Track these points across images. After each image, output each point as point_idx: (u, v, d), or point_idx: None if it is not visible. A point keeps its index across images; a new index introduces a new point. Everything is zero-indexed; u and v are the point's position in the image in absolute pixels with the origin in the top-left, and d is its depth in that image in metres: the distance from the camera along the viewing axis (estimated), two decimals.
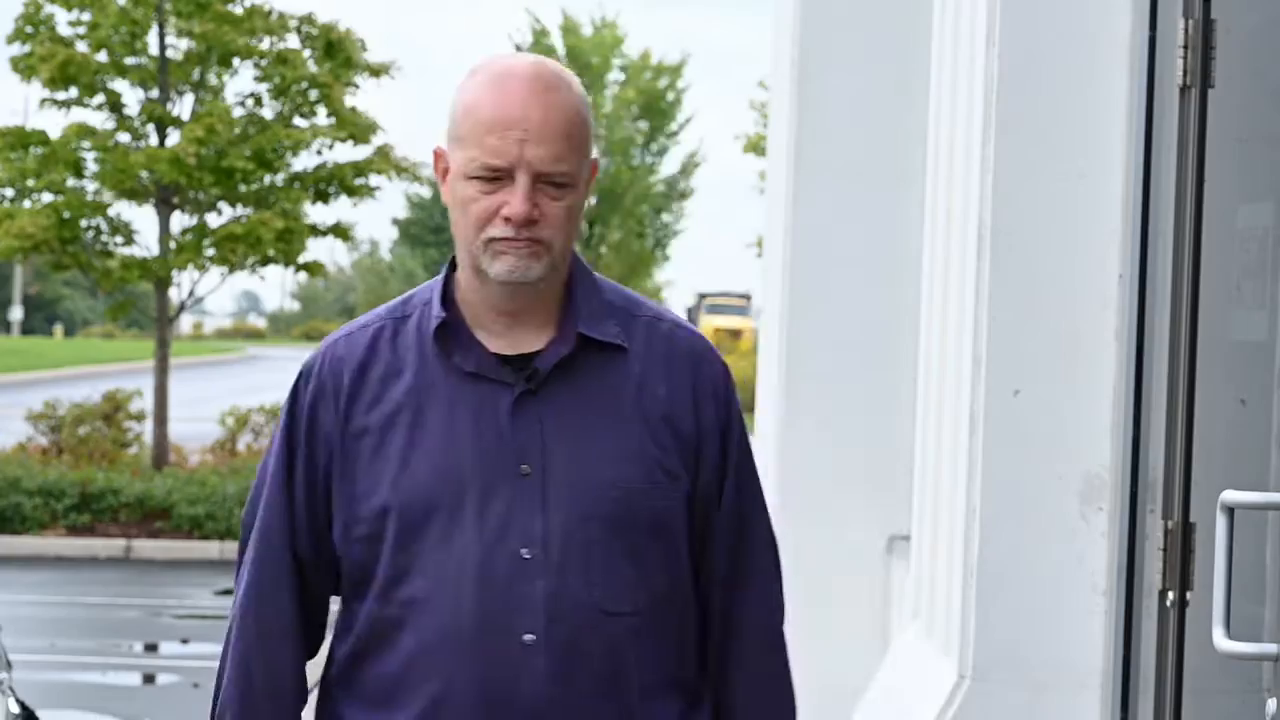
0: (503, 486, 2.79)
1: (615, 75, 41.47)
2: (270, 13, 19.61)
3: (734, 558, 2.92)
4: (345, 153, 20.36)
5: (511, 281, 2.78)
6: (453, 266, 2.89)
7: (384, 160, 19.87)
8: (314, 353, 2.90)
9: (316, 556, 2.90)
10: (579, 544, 2.79)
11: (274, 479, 2.90)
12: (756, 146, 31.33)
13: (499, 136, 2.74)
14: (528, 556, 2.77)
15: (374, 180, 19.99)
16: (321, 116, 19.88)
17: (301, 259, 19.88)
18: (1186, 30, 4.26)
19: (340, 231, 20.28)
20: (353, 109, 19.79)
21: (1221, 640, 3.54)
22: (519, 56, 2.84)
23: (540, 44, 40.89)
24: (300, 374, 2.91)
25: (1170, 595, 4.25)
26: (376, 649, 2.85)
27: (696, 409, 2.87)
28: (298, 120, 19.87)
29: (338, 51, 19.73)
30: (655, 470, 2.83)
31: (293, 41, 19.85)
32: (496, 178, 2.75)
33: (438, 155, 2.86)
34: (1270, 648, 3.58)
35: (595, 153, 2.87)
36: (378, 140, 19.98)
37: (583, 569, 2.79)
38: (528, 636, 2.77)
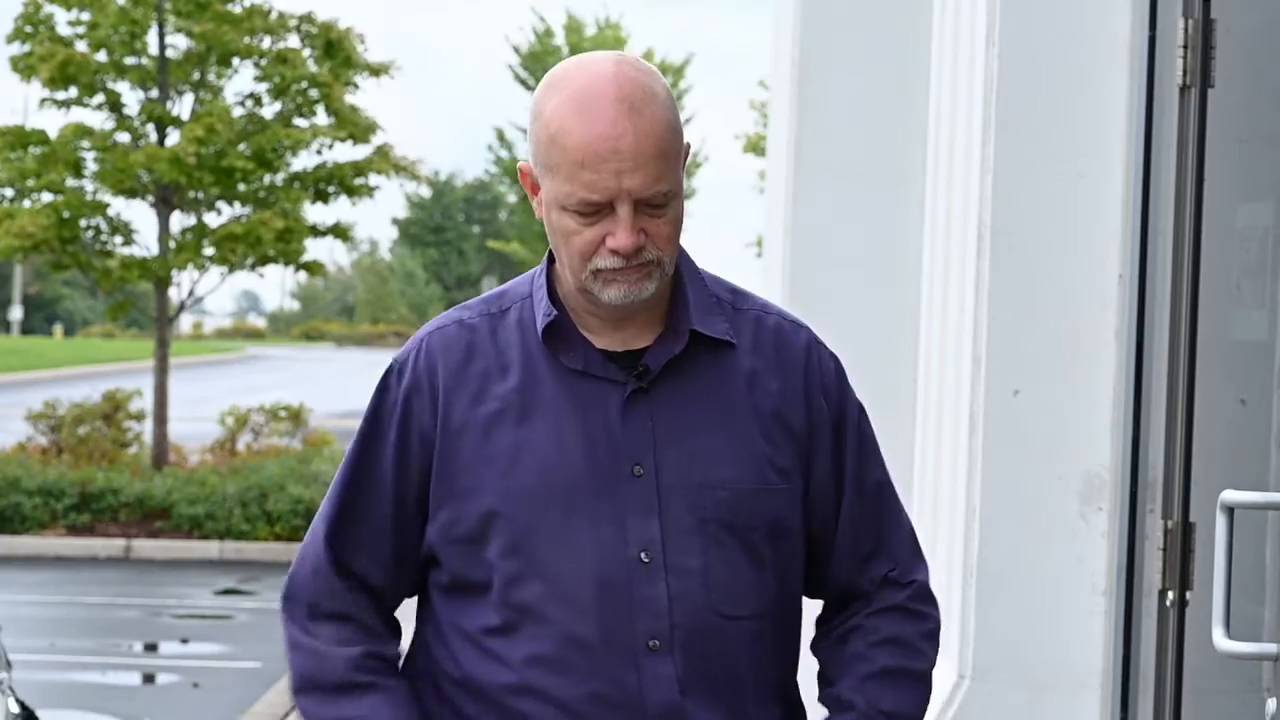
0: (615, 487, 2.71)
1: None
2: (270, 12, 19.61)
3: (858, 556, 2.85)
4: (345, 152, 20.39)
5: (625, 304, 2.69)
6: (550, 259, 2.79)
7: (383, 160, 19.87)
8: (405, 348, 2.80)
9: (397, 565, 2.80)
10: (697, 547, 2.70)
11: (348, 483, 2.80)
12: (756, 146, 31.32)
13: (594, 171, 2.63)
14: (647, 560, 2.69)
15: (373, 180, 20.00)
16: (321, 116, 19.88)
17: (301, 259, 19.88)
18: (1186, 30, 4.26)
19: (340, 231, 20.28)
20: (353, 108, 19.80)
21: (1221, 640, 3.54)
22: (597, 65, 2.70)
23: (544, 44, 40.90)
24: (391, 369, 2.81)
25: (1170, 595, 4.26)
26: (484, 661, 2.74)
27: (808, 403, 2.80)
28: (298, 120, 19.88)
29: (337, 51, 19.73)
30: (767, 469, 2.75)
31: (292, 41, 19.85)
32: (596, 211, 2.66)
33: (524, 173, 2.75)
34: (1270, 647, 3.58)
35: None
36: (377, 140, 19.99)
37: (701, 572, 2.70)
38: (653, 642, 2.68)
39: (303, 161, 19.85)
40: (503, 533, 2.70)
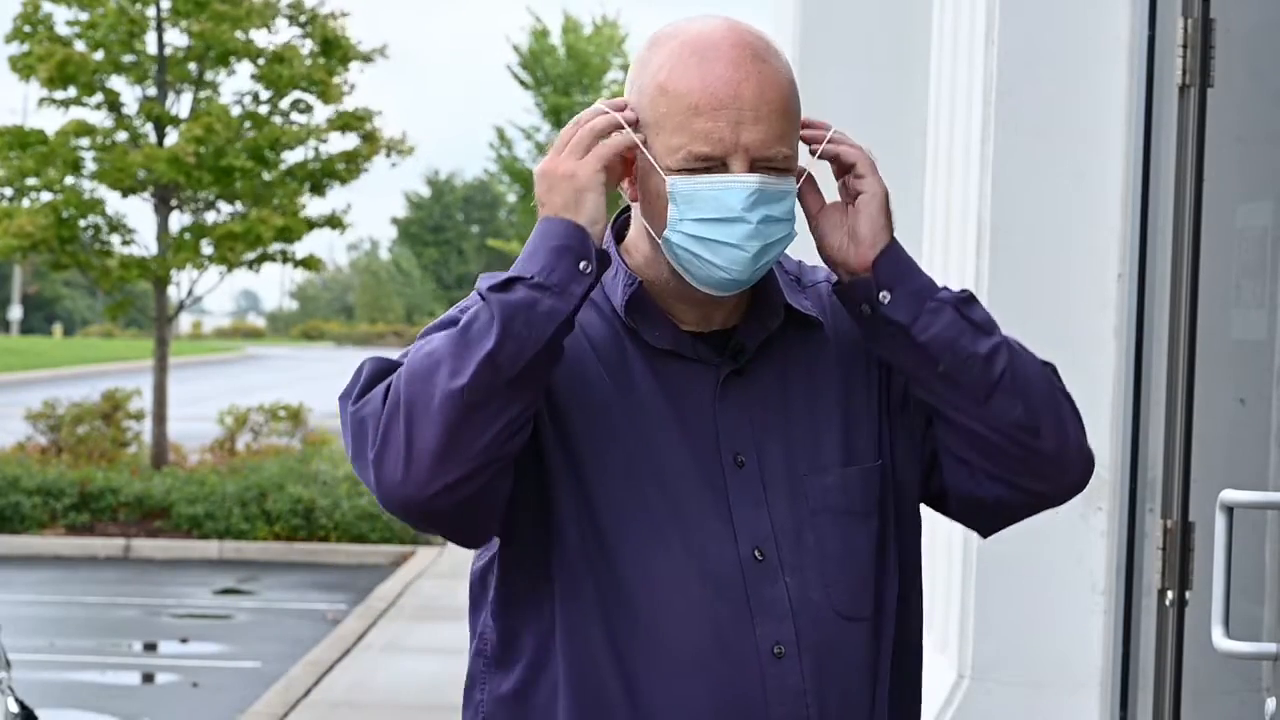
0: (717, 479, 2.43)
1: (615, 75, 41.47)
2: (264, 6, 19.59)
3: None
4: (338, 143, 20.44)
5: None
6: (617, 234, 2.53)
7: (372, 145, 19.87)
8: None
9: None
10: (812, 541, 2.45)
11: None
12: None
13: (710, 119, 2.36)
14: (761, 558, 2.42)
15: (365, 162, 20.00)
16: (319, 113, 19.91)
17: (299, 255, 19.89)
18: (1186, 29, 4.26)
19: (335, 221, 20.28)
20: (351, 106, 19.80)
21: (1220, 639, 3.54)
22: (708, 19, 2.45)
23: (541, 42, 40.89)
24: None
25: (1169, 594, 4.25)
26: (576, 676, 2.42)
27: (868, 375, 2.56)
28: (295, 117, 19.87)
29: (334, 49, 19.73)
30: (869, 452, 2.51)
31: (285, 31, 19.88)
32: (707, 168, 2.39)
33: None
34: (1269, 647, 3.58)
35: None
36: (369, 127, 19.98)
37: (819, 568, 2.45)
38: (778, 648, 2.41)
39: (297, 155, 19.86)
40: (588, 530, 2.42)
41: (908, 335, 2.45)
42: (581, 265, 2.34)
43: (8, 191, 19.38)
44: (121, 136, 19.40)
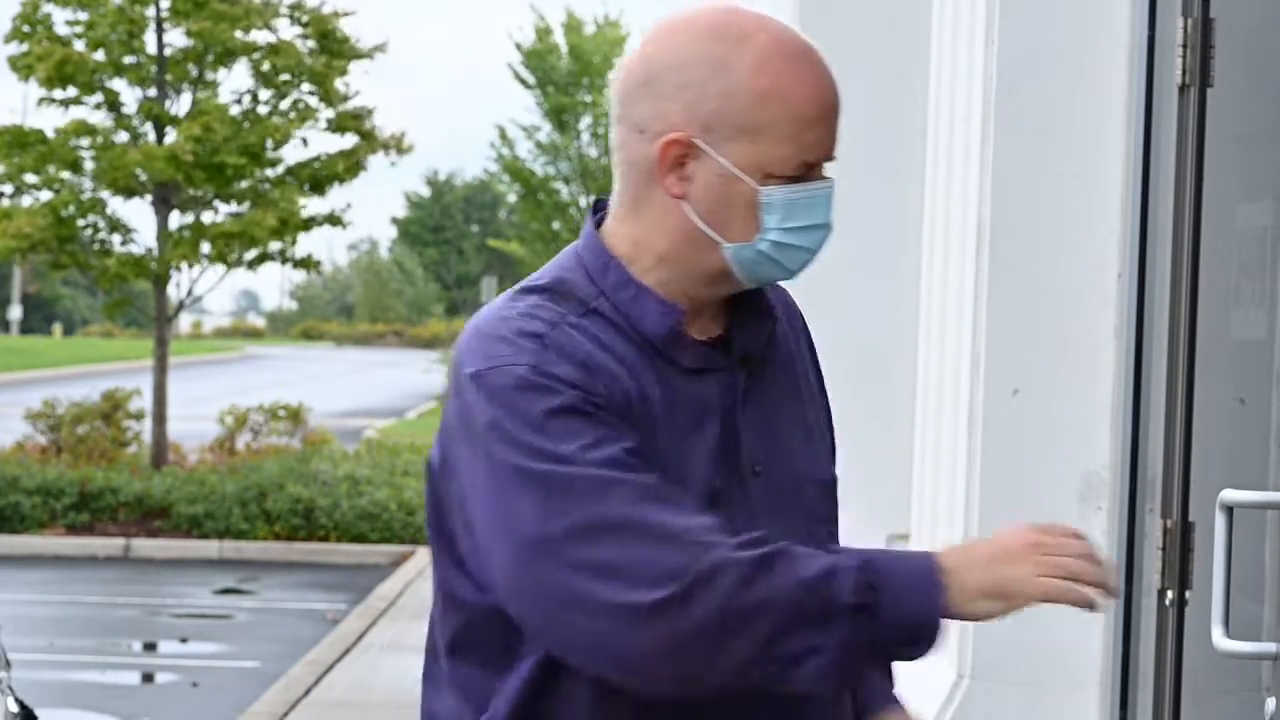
0: (737, 491, 2.40)
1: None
2: (264, 6, 19.59)
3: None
4: (335, 142, 20.41)
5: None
6: (604, 249, 2.43)
7: (370, 143, 19.86)
8: (527, 344, 2.33)
9: None
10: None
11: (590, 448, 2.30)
12: None
13: (819, 129, 2.35)
14: None
15: (364, 162, 20.00)
16: (319, 112, 19.85)
17: (297, 254, 19.89)
18: (1185, 29, 4.26)
19: (334, 219, 20.27)
20: (348, 104, 19.79)
21: (1220, 639, 3.54)
22: (770, 20, 2.41)
23: (544, 41, 40.89)
24: (529, 381, 2.31)
25: (1169, 594, 4.25)
26: (603, 700, 2.34)
27: (815, 367, 2.58)
28: (294, 116, 19.86)
29: (332, 45, 19.73)
30: (826, 453, 2.54)
31: (285, 31, 19.85)
32: (800, 177, 2.37)
33: (678, 143, 2.35)
34: (1269, 647, 3.58)
35: None
36: (367, 126, 19.97)
37: None
38: None
39: (296, 154, 19.90)
40: None
41: None
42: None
43: (8, 190, 19.39)
44: (121, 137, 19.41)
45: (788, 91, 2.33)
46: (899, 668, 2.51)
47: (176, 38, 19.59)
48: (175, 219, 19.74)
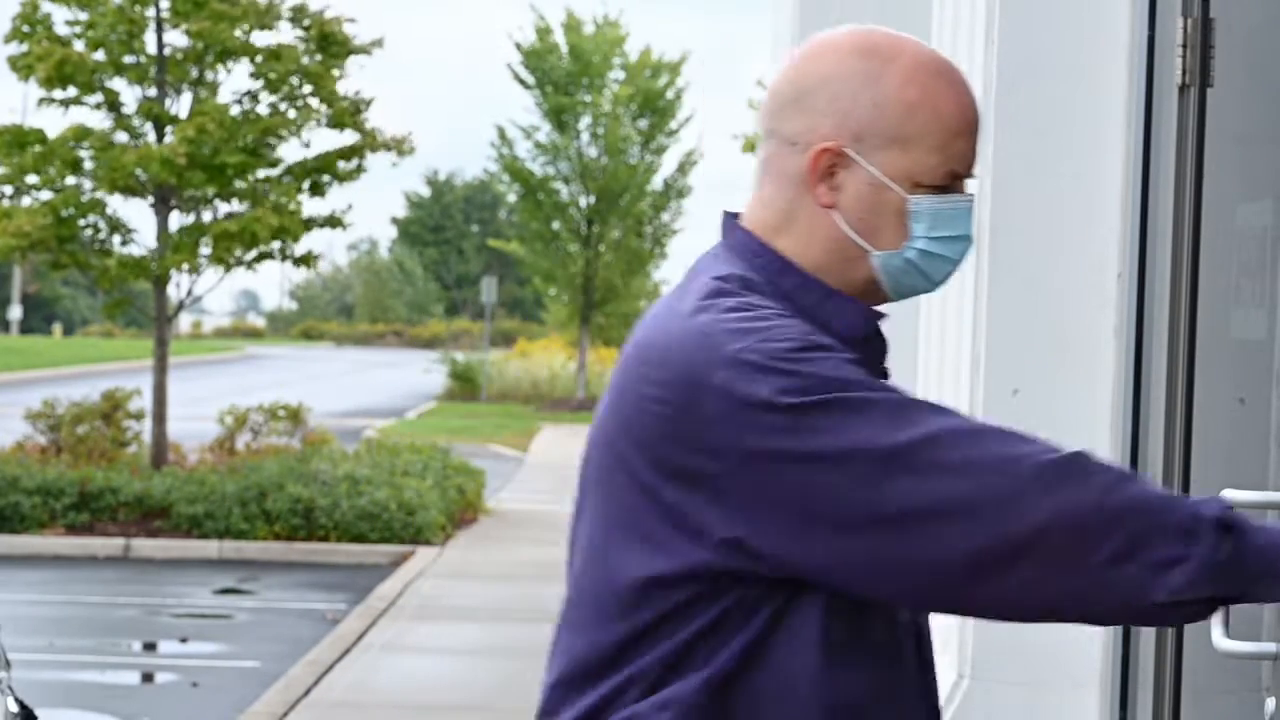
0: None
1: (616, 74, 41.49)
2: (266, 8, 19.60)
3: None
4: (333, 139, 20.39)
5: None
6: (766, 255, 2.45)
7: (370, 141, 19.86)
8: (780, 320, 2.34)
9: None
10: None
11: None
12: (754, 146, 31.39)
13: (967, 141, 2.45)
14: None
15: (364, 162, 19.99)
16: (318, 114, 19.86)
17: (296, 252, 19.88)
18: (1185, 29, 4.26)
19: (334, 221, 20.27)
20: (346, 100, 19.78)
21: (1220, 639, 3.53)
22: (911, 39, 2.52)
23: (544, 40, 40.91)
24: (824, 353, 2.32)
25: None
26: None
27: None
28: (292, 114, 19.86)
29: (331, 45, 19.73)
30: None
31: (285, 32, 19.86)
32: (946, 188, 2.44)
33: (829, 151, 2.42)
34: (1269, 647, 3.58)
35: None
36: (365, 120, 19.96)
37: None
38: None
39: (295, 153, 19.91)
40: None
41: None
42: None
43: (7, 190, 19.39)
44: (121, 137, 19.41)
45: (936, 103, 2.43)
46: None
47: (176, 38, 19.60)
48: (175, 219, 19.75)
